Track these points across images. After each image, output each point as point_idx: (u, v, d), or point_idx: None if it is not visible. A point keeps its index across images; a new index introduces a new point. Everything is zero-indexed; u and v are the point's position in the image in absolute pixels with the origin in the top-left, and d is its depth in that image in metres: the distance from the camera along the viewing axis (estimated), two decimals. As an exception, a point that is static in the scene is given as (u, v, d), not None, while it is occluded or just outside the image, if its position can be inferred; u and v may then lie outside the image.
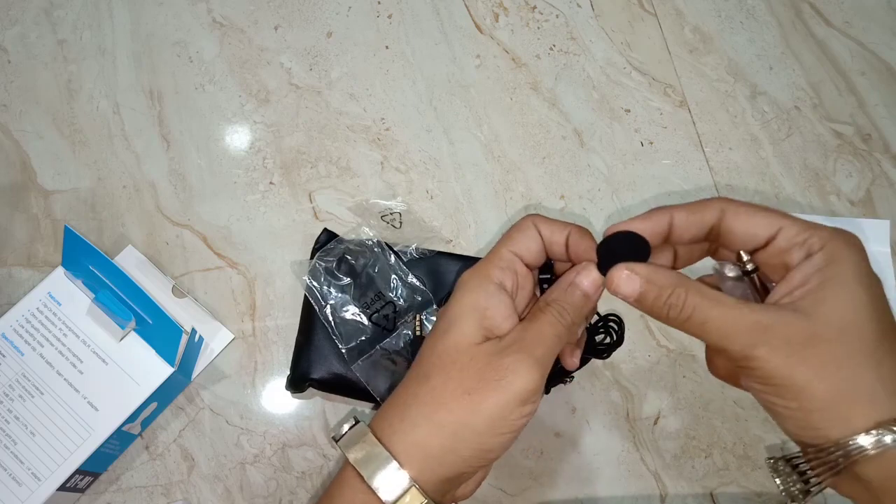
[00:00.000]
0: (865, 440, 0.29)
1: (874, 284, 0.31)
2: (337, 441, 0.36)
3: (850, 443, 0.29)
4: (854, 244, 0.31)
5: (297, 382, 0.49)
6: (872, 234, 0.58)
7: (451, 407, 0.33)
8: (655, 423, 0.52)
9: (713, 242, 0.35)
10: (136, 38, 0.60)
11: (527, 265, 0.36)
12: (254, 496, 0.49)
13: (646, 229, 0.34)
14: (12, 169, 0.56)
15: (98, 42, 0.59)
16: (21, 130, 0.57)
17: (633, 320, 0.54)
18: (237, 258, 0.54)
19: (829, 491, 0.48)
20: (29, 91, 0.58)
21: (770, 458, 0.35)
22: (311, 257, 0.52)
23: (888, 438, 0.29)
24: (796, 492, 0.33)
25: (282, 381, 0.50)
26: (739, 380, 0.34)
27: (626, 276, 0.33)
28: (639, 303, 0.33)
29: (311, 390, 0.50)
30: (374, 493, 0.33)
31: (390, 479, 0.33)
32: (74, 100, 0.58)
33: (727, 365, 0.35)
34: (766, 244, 0.33)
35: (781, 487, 0.34)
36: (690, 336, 0.33)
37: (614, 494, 0.50)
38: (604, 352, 0.45)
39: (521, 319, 0.36)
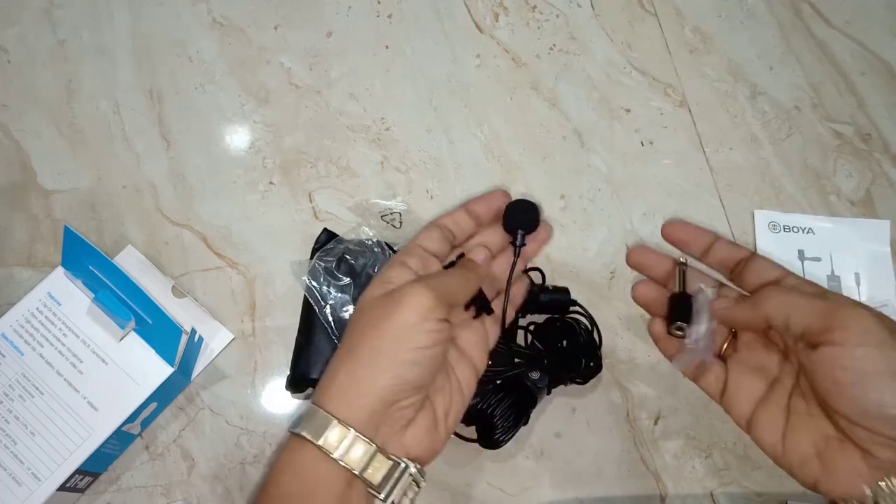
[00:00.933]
0: None
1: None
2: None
3: None
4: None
5: (297, 383, 0.49)
6: (872, 234, 0.58)
7: (362, 343, 0.38)
8: (655, 423, 0.52)
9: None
10: (136, 38, 0.60)
11: (432, 254, 0.44)
12: (254, 496, 0.49)
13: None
14: (12, 169, 0.55)
15: (98, 42, 0.59)
16: (21, 130, 0.57)
17: (633, 320, 0.54)
18: (237, 258, 0.54)
19: None
20: (29, 91, 0.58)
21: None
22: (311, 257, 0.52)
23: None
24: None
25: (282, 381, 0.50)
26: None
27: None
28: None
29: (310, 390, 0.50)
30: (309, 441, 0.36)
31: (316, 423, 0.36)
32: (74, 100, 0.58)
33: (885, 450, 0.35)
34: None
35: None
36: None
37: (614, 494, 0.50)
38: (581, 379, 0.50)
39: None
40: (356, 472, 0.35)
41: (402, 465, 0.37)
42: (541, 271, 0.53)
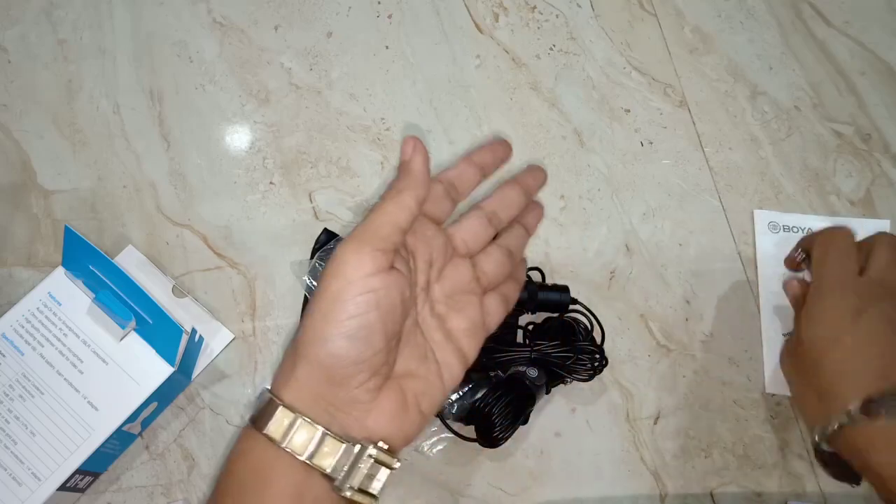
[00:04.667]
0: None
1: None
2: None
3: None
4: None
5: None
6: (872, 233, 0.58)
7: (303, 324, 0.36)
8: (655, 422, 0.52)
9: None
10: (137, 39, 0.60)
11: (433, 219, 0.41)
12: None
13: None
14: (12, 169, 0.56)
15: (98, 42, 0.59)
16: (21, 130, 0.57)
17: (634, 320, 0.54)
18: (237, 258, 0.54)
19: (829, 489, 0.48)
20: (29, 91, 0.58)
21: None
22: (311, 257, 0.52)
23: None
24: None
25: (282, 380, 0.50)
26: None
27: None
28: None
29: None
30: (256, 430, 0.35)
31: (263, 409, 0.35)
32: (75, 100, 0.58)
33: None
34: None
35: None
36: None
37: (614, 494, 0.50)
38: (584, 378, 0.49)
39: None
40: (302, 458, 0.34)
41: (358, 447, 0.35)
42: (540, 271, 0.53)
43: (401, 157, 0.38)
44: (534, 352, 0.48)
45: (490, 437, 0.47)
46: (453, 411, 0.49)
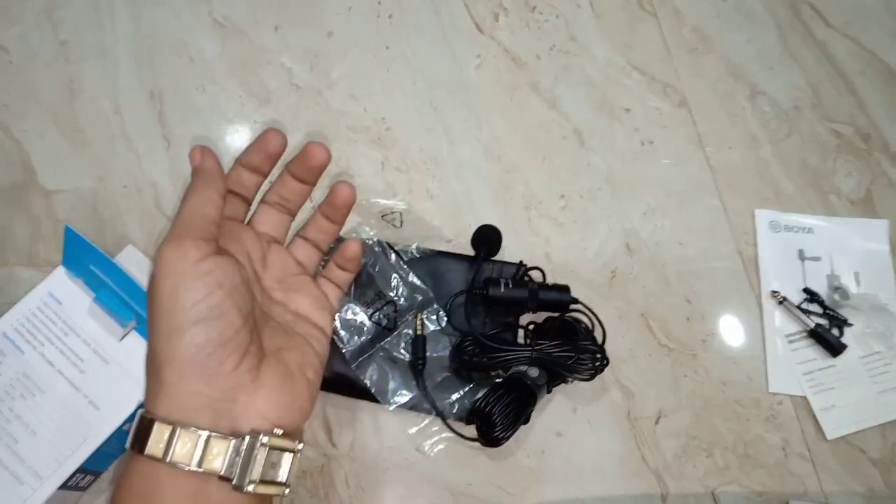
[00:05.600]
0: None
1: None
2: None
3: None
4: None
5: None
6: (871, 233, 0.58)
7: (151, 325, 0.34)
8: (656, 422, 0.52)
9: None
10: (137, 39, 0.60)
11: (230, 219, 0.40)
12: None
13: None
14: (14, 169, 0.56)
15: (99, 42, 0.59)
16: (22, 130, 0.57)
17: (634, 320, 0.54)
18: (238, 258, 0.54)
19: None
20: (30, 91, 0.58)
21: None
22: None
23: None
24: None
25: (283, 380, 0.50)
26: None
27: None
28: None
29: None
30: (137, 453, 0.33)
31: (140, 430, 0.33)
32: (76, 100, 0.58)
33: None
34: None
35: None
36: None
37: (616, 494, 0.50)
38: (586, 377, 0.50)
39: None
40: (189, 467, 0.32)
41: (247, 439, 0.33)
42: (541, 270, 0.53)
43: (191, 164, 0.38)
44: (535, 351, 0.48)
45: (491, 436, 0.47)
46: (454, 411, 0.49)
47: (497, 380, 0.49)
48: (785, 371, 0.54)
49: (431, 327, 0.51)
